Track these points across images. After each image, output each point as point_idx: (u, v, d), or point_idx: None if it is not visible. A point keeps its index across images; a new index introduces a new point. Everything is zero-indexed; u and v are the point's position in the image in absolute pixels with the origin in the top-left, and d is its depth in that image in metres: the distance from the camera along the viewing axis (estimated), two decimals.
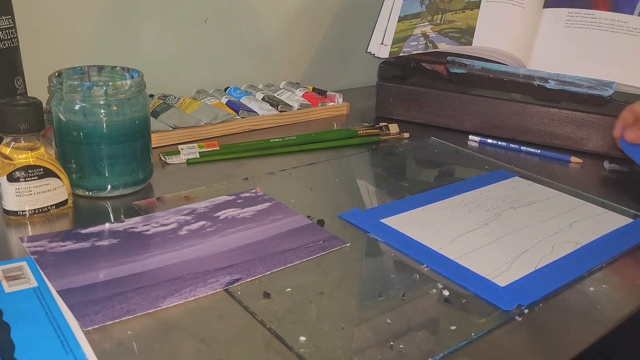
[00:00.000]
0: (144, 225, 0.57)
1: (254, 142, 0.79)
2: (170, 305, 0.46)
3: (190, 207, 0.61)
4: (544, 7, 0.86)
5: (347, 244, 0.56)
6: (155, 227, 0.57)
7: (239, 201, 0.63)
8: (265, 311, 0.45)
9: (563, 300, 0.50)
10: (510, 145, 0.85)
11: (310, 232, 0.58)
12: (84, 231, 0.56)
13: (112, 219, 0.59)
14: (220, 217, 0.60)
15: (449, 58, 0.87)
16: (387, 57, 0.92)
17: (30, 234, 0.56)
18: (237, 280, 0.49)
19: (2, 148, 0.56)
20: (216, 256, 0.53)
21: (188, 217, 0.60)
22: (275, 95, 0.95)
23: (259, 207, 0.62)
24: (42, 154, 0.57)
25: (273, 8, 1.01)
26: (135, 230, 0.57)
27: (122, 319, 0.44)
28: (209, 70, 0.97)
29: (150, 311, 0.45)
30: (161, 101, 0.85)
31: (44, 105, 0.58)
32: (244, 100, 0.91)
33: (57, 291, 0.46)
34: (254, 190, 0.66)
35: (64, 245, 0.53)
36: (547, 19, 0.86)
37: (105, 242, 0.54)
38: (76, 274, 0.49)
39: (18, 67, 0.69)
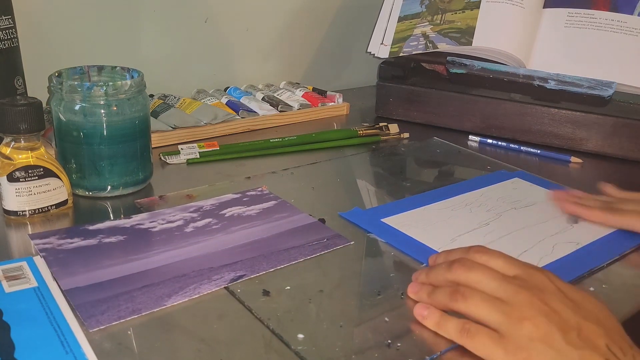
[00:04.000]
0: (151, 222, 0.58)
1: (254, 142, 0.79)
2: (175, 303, 0.46)
3: (196, 205, 0.62)
4: (544, 7, 0.86)
5: (352, 242, 0.56)
6: (162, 224, 0.58)
7: (244, 199, 0.64)
8: (264, 309, 0.46)
9: None
10: (510, 145, 0.85)
11: (315, 230, 0.58)
12: (91, 227, 0.56)
13: (112, 219, 0.59)
14: (226, 215, 0.60)
15: (449, 58, 0.87)
16: (387, 57, 0.92)
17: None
18: (241, 277, 0.49)
19: (2, 148, 0.56)
20: (221, 253, 0.53)
21: (194, 214, 0.60)
22: (275, 95, 0.95)
23: (265, 205, 0.63)
24: (42, 154, 0.57)
25: (273, 8, 1.01)
26: (141, 227, 0.57)
27: (128, 318, 0.44)
28: (209, 70, 0.97)
29: (154, 310, 0.45)
30: (161, 101, 0.85)
31: (44, 105, 0.58)
32: (244, 100, 0.91)
33: (64, 290, 0.46)
34: (259, 189, 0.66)
35: (72, 242, 0.53)
36: (547, 19, 0.85)
37: (112, 239, 0.54)
38: (83, 272, 0.49)
39: (18, 67, 0.69)
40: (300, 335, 0.43)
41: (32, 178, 0.56)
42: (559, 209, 0.64)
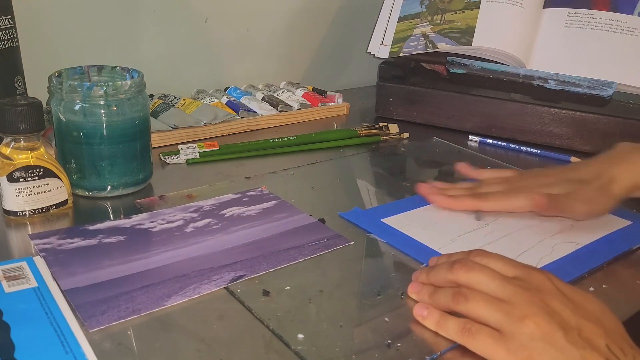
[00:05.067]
0: (151, 222, 0.58)
1: (254, 142, 0.79)
2: (175, 303, 0.46)
3: (196, 205, 0.62)
4: (544, 7, 0.86)
5: (352, 242, 0.56)
6: (162, 224, 0.58)
7: (244, 199, 0.64)
8: (264, 309, 0.46)
9: None
10: (510, 145, 0.85)
11: (315, 230, 0.58)
12: (91, 227, 0.56)
13: (112, 219, 0.59)
14: (226, 215, 0.60)
15: (449, 58, 0.87)
16: (387, 57, 0.92)
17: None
18: (241, 277, 0.49)
19: (2, 148, 0.56)
20: (221, 253, 0.53)
21: (194, 215, 0.60)
22: (275, 95, 0.95)
23: (265, 205, 0.63)
24: (42, 154, 0.57)
25: (273, 8, 1.01)
26: (142, 227, 0.57)
27: (128, 319, 0.44)
28: (209, 70, 0.97)
29: (154, 310, 0.45)
30: (161, 101, 0.85)
31: (44, 105, 0.58)
32: (244, 100, 0.91)
33: (64, 290, 0.46)
34: (259, 189, 0.66)
35: (72, 242, 0.53)
36: (547, 19, 0.85)
37: (112, 239, 0.54)
38: (83, 273, 0.49)
39: (18, 67, 0.69)
40: (300, 335, 0.43)
41: (32, 178, 0.56)
42: (429, 202, 0.64)
